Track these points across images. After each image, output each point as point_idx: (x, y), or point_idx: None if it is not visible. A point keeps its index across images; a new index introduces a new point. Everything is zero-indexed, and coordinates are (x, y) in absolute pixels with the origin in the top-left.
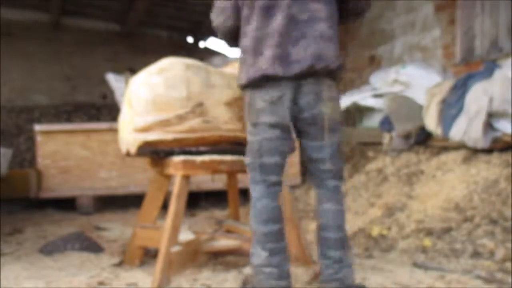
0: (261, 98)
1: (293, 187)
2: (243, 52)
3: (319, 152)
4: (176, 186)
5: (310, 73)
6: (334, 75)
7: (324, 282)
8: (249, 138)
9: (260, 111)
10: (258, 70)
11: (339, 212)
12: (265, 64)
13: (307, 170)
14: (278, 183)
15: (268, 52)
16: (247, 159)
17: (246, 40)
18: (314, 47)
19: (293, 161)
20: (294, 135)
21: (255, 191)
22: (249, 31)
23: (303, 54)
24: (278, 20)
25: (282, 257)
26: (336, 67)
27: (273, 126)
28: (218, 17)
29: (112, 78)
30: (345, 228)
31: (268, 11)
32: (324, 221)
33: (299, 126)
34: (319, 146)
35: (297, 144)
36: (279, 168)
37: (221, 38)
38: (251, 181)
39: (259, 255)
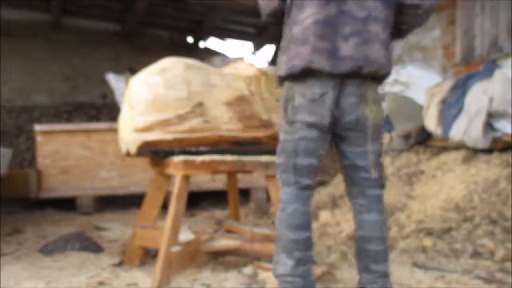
0: (301, 94)
1: None
2: (288, 40)
3: (363, 159)
4: (176, 186)
5: (357, 74)
6: (381, 80)
7: None
8: (284, 136)
9: (299, 108)
10: (301, 60)
11: (382, 222)
12: (310, 55)
13: (346, 178)
14: (310, 187)
15: (316, 44)
16: (278, 159)
17: (295, 27)
18: (366, 48)
19: None
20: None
21: (286, 194)
22: (299, 19)
23: (353, 53)
24: (332, 12)
25: (308, 266)
26: (385, 73)
27: (311, 125)
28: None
29: (112, 78)
30: (387, 240)
31: (324, 1)
32: (367, 232)
33: (338, 130)
34: (362, 153)
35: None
36: (313, 171)
37: (266, 20)
38: (283, 183)
39: (284, 263)
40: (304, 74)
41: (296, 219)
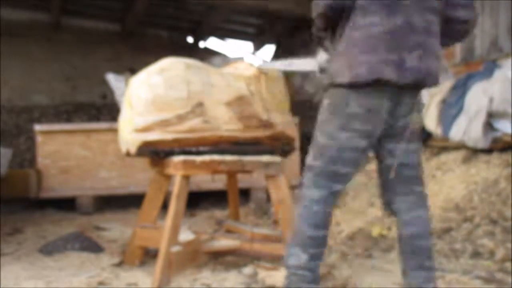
0: (357, 103)
1: (293, 187)
2: (350, 45)
3: (411, 157)
4: (176, 186)
5: (417, 85)
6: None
7: None
8: (326, 140)
9: (352, 116)
10: (370, 70)
11: (428, 219)
12: (380, 66)
13: (388, 177)
14: (340, 192)
15: (385, 55)
16: (314, 162)
17: (357, 33)
18: (427, 60)
19: (293, 161)
20: (293, 135)
21: (314, 195)
22: (363, 24)
23: (416, 64)
24: (398, 22)
25: (318, 262)
26: (436, 83)
27: (363, 135)
28: None
29: (112, 78)
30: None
31: (390, 10)
32: (417, 229)
33: (385, 133)
34: (411, 151)
35: (297, 144)
36: (350, 179)
37: (326, 20)
38: (313, 184)
39: (298, 256)
40: (368, 84)
41: (318, 218)
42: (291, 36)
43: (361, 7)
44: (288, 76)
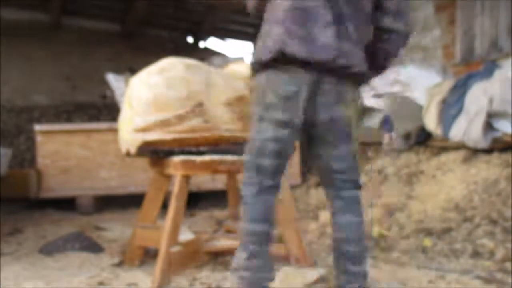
0: (272, 90)
1: (293, 187)
2: (270, 26)
3: (339, 162)
4: (176, 186)
5: (331, 68)
6: (357, 80)
7: None
8: (252, 134)
9: (270, 105)
10: (274, 42)
11: (359, 224)
12: (283, 36)
13: (321, 180)
14: (274, 187)
15: (291, 27)
16: (245, 157)
17: (276, 14)
18: (341, 41)
19: (293, 161)
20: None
21: (248, 192)
22: (281, 5)
23: (328, 43)
24: (312, 2)
25: (262, 262)
26: (359, 72)
27: (282, 124)
28: None
29: (112, 78)
30: (364, 242)
31: None
32: (344, 234)
33: (313, 131)
34: (339, 155)
35: (296, 144)
36: (279, 172)
37: (252, 11)
38: (245, 181)
39: (239, 256)
40: (278, 66)
41: (254, 211)
42: None
43: None
44: None
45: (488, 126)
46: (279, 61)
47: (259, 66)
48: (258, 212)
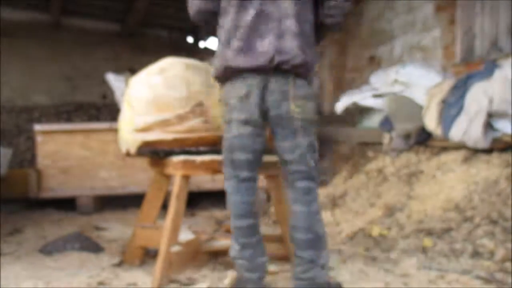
0: (231, 95)
1: None
2: (218, 45)
3: (289, 153)
4: (176, 186)
5: (274, 68)
6: (301, 72)
7: (294, 279)
8: (224, 134)
9: (232, 107)
10: (222, 61)
11: (308, 213)
12: (230, 56)
13: (281, 172)
14: (250, 179)
15: (235, 45)
16: (222, 155)
17: (221, 33)
18: (278, 41)
19: None
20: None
21: (229, 187)
22: (224, 25)
23: (266, 48)
24: (249, 15)
25: (253, 250)
26: (300, 63)
27: (244, 123)
28: (195, 1)
29: (112, 78)
30: (316, 230)
31: (242, 5)
32: (294, 222)
33: (270, 125)
34: (288, 147)
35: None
36: (251, 164)
37: (198, 22)
38: (225, 177)
39: (234, 248)
40: (231, 75)
41: (237, 208)
42: None
43: (223, 9)
44: None
45: (488, 126)
46: (231, 73)
47: (219, 79)
48: (241, 208)
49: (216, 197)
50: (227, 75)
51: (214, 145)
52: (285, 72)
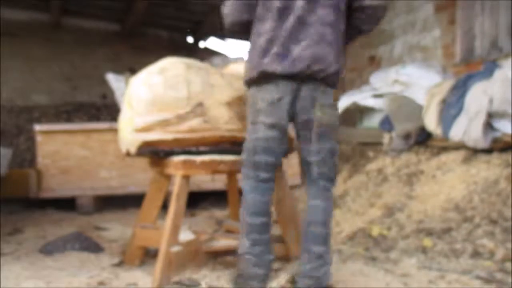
0: (261, 98)
1: (293, 187)
2: (253, 50)
3: (312, 156)
4: (176, 186)
5: (308, 75)
6: (331, 81)
7: (303, 277)
8: (247, 136)
9: (260, 111)
10: (260, 67)
11: (326, 208)
12: (267, 61)
13: (302, 170)
14: (269, 180)
15: (273, 51)
16: (243, 156)
17: (259, 39)
18: (315, 49)
19: (293, 161)
20: (292, 136)
21: (247, 185)
22: (262, 31)
23: (302, 54)
24: (289, 22)
25: (263, 248)
26: (333, 72)
27: (271, 126)
28: (232, 12)
29: (112, 78)
30: (330, 226)
31: (283, 13)
32: (311, 217)
33: (296, 129)
34: (312, 150)
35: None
36: (272, 167)
37: (233, 32)
38: (244, 176)
39: (243, 244)
40: (263, 80)
41: (253, 206)
42: None
43: (259, 16)
44: None
45: (488, 126)
46: (264, 77)
47: (249, 82)
48: (257, 206)
49: (216, 197)
50: (260, 80)
51: (214, 145)
52: (317, 80)
